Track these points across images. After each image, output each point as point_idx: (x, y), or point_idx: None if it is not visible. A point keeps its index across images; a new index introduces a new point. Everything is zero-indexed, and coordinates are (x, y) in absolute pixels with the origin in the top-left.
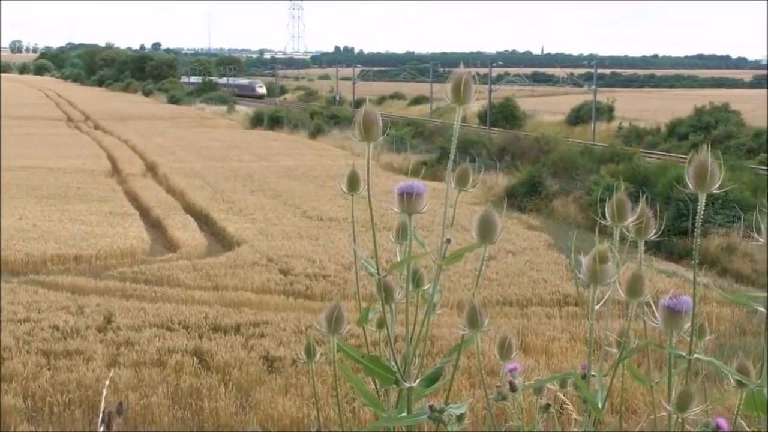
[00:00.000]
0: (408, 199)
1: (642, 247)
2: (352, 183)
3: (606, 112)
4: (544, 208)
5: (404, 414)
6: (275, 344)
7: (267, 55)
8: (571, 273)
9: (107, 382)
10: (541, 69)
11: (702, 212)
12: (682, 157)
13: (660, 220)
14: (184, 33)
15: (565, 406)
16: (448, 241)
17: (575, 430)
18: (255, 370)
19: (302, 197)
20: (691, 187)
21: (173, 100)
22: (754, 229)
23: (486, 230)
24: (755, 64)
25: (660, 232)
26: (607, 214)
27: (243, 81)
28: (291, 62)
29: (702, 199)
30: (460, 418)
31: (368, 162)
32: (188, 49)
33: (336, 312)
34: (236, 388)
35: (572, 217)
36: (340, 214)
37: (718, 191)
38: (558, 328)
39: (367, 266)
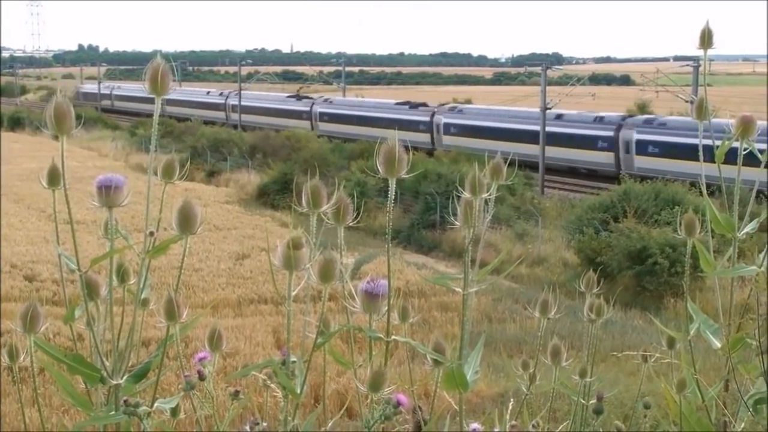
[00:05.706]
0: (107, 192)
1: (341, 233)
2: (53, 178)
3: None
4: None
5: (112, 412)
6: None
7: (5, 54)
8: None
9: None
10: (291, 67)
11: (393, 196)
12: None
13: (410, 214)
14: None
15: (274, 393)
16: (152, 233)
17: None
18: None
19: (47, 200)
20: (381, 173)
21: None
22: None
23: (185, 221)
24: (494, 62)
25: (410, 226)
26: (304, 202)
27: None
28: (32, 61)
29: (392, 184)
30: (174, 412)
31: (62, 155)
32: None
33: (31, 311)
34: None
35: (325, 213)
36: (88, 217)
37: (406, 176)
38: (312, 323)
39: (68, 263)
